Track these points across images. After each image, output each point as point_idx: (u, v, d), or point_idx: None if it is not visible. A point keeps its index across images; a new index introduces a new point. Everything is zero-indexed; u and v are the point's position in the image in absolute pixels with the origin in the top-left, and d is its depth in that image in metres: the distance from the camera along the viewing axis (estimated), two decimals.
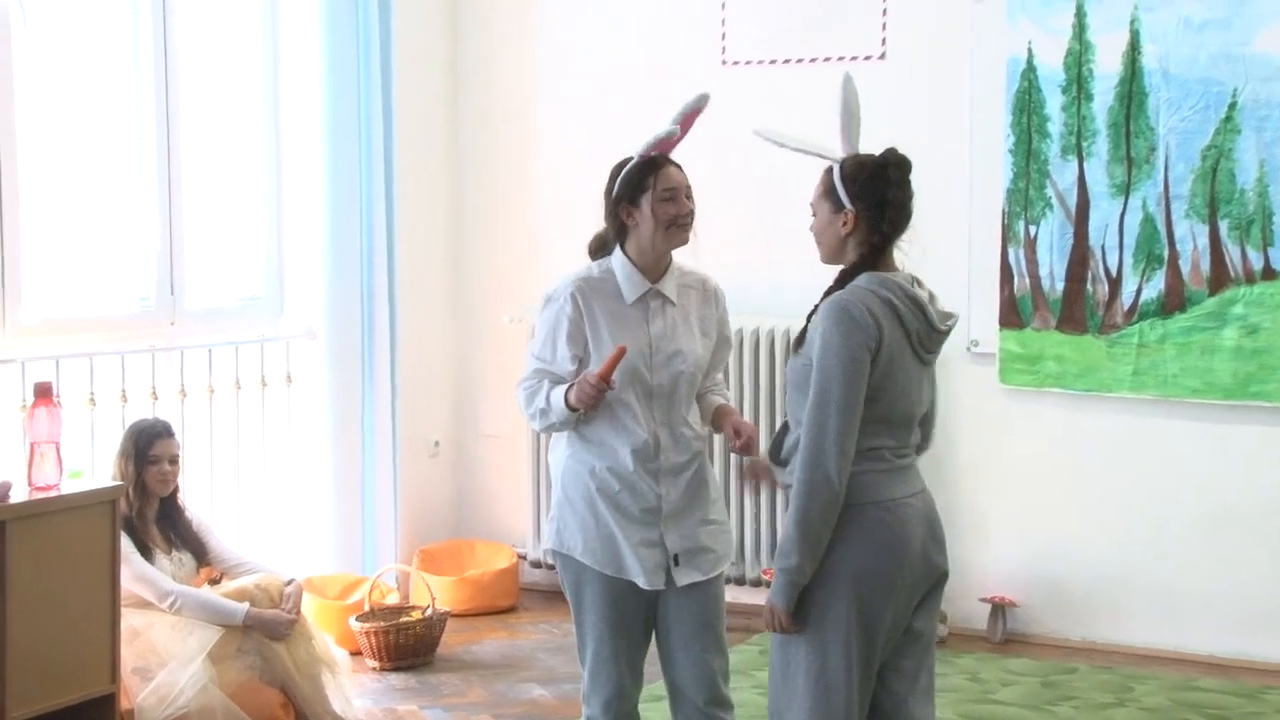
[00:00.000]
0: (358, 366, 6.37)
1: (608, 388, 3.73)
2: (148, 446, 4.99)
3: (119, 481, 4.91)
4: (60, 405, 4.88)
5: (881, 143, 3.48)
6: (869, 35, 6.21)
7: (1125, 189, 5.82)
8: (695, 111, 3.83)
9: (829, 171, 3.44)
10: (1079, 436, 6.01)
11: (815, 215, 3.47)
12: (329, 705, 4.98)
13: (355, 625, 5.81)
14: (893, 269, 3.42)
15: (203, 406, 5.81)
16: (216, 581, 5.11)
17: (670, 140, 3.83)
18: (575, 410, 3.77)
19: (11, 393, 5.05)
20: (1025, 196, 5.97)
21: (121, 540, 4.78)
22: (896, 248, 3.42)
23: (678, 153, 3.87)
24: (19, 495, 4.55)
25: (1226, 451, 5.77)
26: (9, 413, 5.05)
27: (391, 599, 6.14)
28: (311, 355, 6.26)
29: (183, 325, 5.79)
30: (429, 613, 5.90)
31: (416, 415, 6.65)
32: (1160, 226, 5.79)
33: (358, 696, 5.30)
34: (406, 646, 5.78)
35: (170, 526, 5.08)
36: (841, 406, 3.26)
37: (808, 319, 3.40)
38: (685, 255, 3.92)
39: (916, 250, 3.45)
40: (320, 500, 6.29)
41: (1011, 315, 6.01)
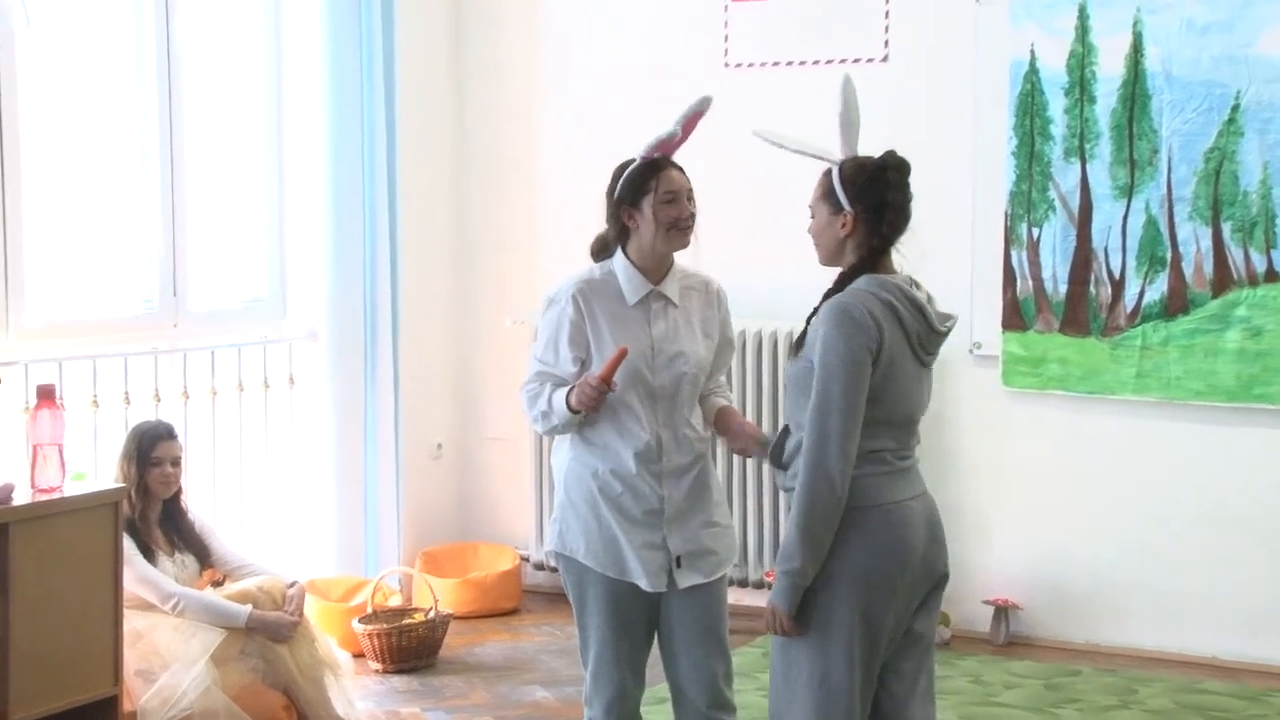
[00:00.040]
0: (360, 368, 6.37)
1: (609, 389, 3.72)
2: (150, 448, 4.99)
3: (122, 484, 4.91)
4: (63, 407, 4.88)
5: (884, 145, 3.47)
6: (871, 37, 6.20)
7: (1128, 191, 5.82)
8: (698, 114, 3.82)
9: (828, 173, 3.43)
10: (1082, 439, 6.00)
11: (814, 217, 3.47)
12: (331, 708, 4.98)
13: (358, 627, 5.81)
14: (891, 271, 3.42)
15: (205, 408, 5.82)
16: (219, 584, 5.11)
17: (672, 142, 3.82)
18: (577, 412, 3.77)
19: (15, 395, 5.05)
20: (1028, 199, 5.96)
21: (124, 542, 4.79)
22: (895, 250, 3.42)
23: (680, 155, 3.87)
24: (22, 497, 4.55)
25: (1230, 454, 5.77)
26: (12, 415, 5.05)
27: (394, 601, 6.14)
28: (314, 357, 6.26)
29: (185, 327, 5.79)
30: (432, 615, 5.90)
31: (419, 417, 6.65)
32: (1163, 229, 5.78)
33: (360, 699, 5.30)
34: (409, 649, 5.78)
35: (173, 528, 5.08)
36: (843, 409, 3.26)
37: (807, 321, 3.40)
38: (686, 257, 3.92)
39: (916, 252, 3.45)
40: (323, 502, 6.29)
41: (1014, 317, 6.01)
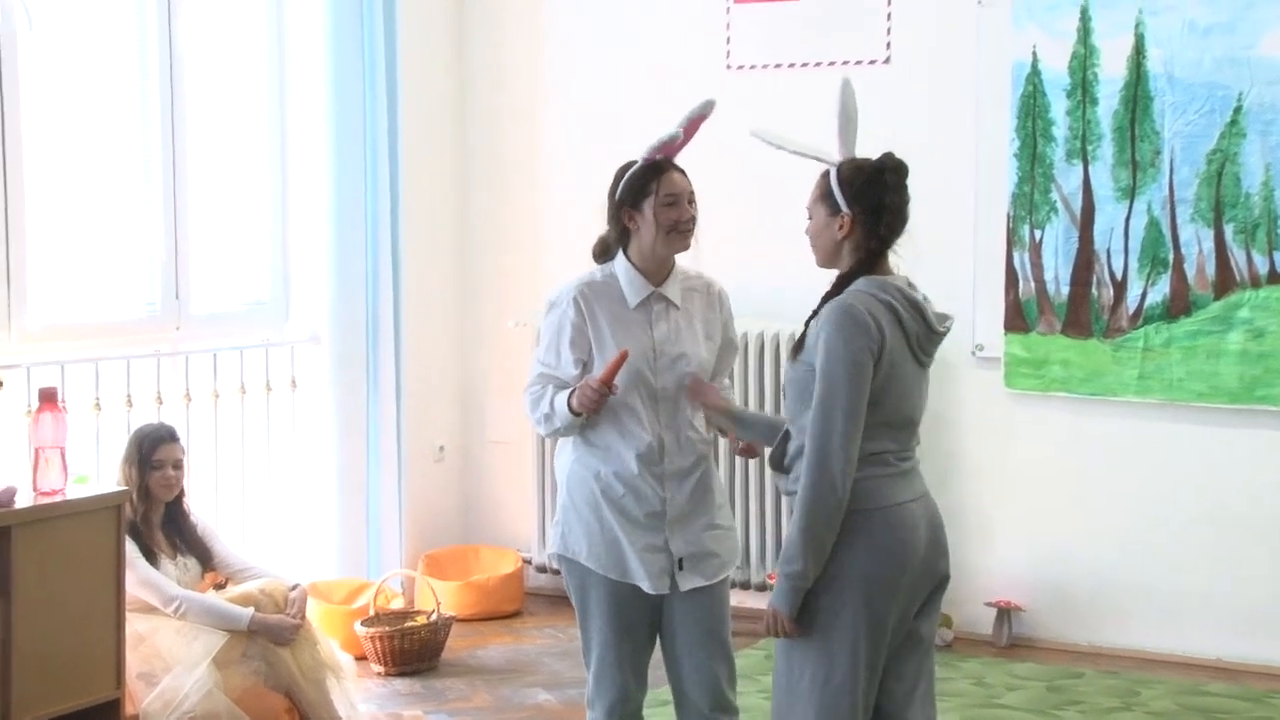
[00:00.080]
0: (363, 371, 6.37)
1: (610, 392, 3.72)
2: (151, 451, 4.99)
3: (124, 487, 4.91)
4: (65, 410, 4.88)
5: (885, 147, 3.47)
6: (873, 39, 6.20)
7: (1130, 193, 5.82)
8: (700, 117, 3.82)
9: (826, 175, 3.44)
10: (1084, 440, 6.00)
11: (811, 218, 3.47)
12: (334, 710, 4.98)
13: (360, 630, 5.81)
14: (888, 273, 3.42)
15: (208, 411, 5.82)
16: (221, 586, 5.11)
17: (674, 144, 3.82)
18: (578, 415, 3.77)
19: (17, 398, 5.05)
20: (1030, 200, 5.96)
21: (126, 545, 4.79)
22: (892, 252, 3.42)
23: (681, 156, 3.87)
24: (24, 500, 4.55)
25: (1232, 455, 5.77)
26: (14, 418, 5.05)
27: (396, 604, 6.14)
28: (316, 360, 6.26)
29: (188, 330, 5.79)
30: (434, 617, 5.90)
31: (421, 420, 6.65)
32: (1165, 230, 5.78)
33: (362, 701, 5.30)
34: (411, 651, 5.78)
35: (175, 531, 5.08)
36: (846, 411, 3.26)
37: (805, 324, 3.40)
38: (687, 258, 3.92)
39: (913, 253, 3.45)
40: (325, 505, 6.28)
41: (1017, 319, 6.01)
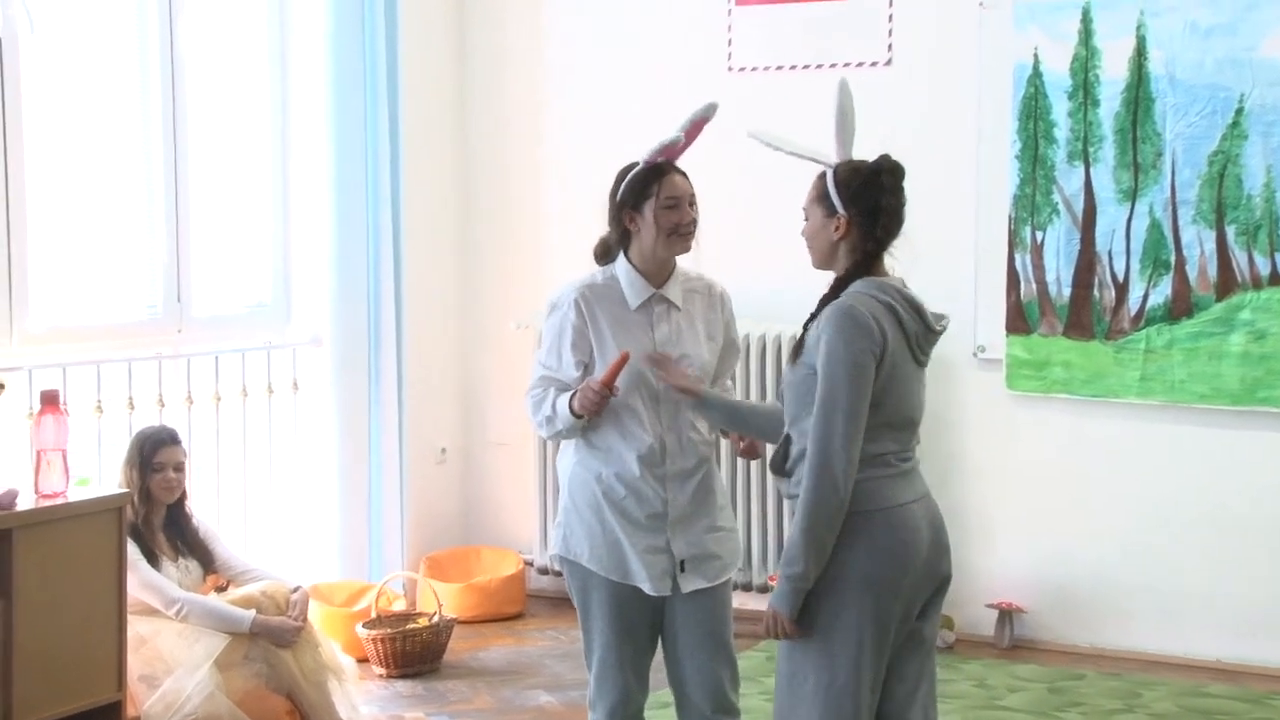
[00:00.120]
0: (364, 373, 6.37)
1: (610, 394, 3.72)
2: (152, 454, 4.99)
3: (125, 489, 4.91)
4: (67, 413, 4.88)
5: (886, 148, 3.48)
6: (874, 41, 6.20)
7: (1132, 195, 5.81)
8: (702, 120, 3.82)
9: (822, 176, 3.43)
10: (1086, 442, 6.00)
11: (808, 220, 3.47)
12: (335, 712, 4.98)
13: (362, 632, 5.81)
14: (884, 274, 3.42)
15: (209, 414, 5.82)
16: (223, 589, 5.10)
17: (675, 147, 3.82)
18: (580, 417, 3.77)
19: (19, 400, 5.05)
20: (1032, 202, 5.96)
21: (128, 548, 4.79)
22: (888, 254, 3.43)
23: (682, 159, 3.87)
24: (26, 503, 4.55)
25: (1234, 457, 5.77)
26: (16, 420, 5.05)
27: (398, 606, 6.14)
28: (318, 362, 6.26)
29: (189, 332, 5.79)
30: (435, 619, 5.90)
31: (423, 422, 6.65)
32: (1167, 232, 5.77)
33: (364, 703, 5.30)
34: (413, 653, 5.78)
35: (177, 534, 5.08)
36: (848, 412, 3.26)
37: (804, 327, 3.40)
38: (687, 261, 3.92)
39: (910, 255, 3.45)
40: (327, 507, 6.28)
41: (1018, 321, 6.00)
